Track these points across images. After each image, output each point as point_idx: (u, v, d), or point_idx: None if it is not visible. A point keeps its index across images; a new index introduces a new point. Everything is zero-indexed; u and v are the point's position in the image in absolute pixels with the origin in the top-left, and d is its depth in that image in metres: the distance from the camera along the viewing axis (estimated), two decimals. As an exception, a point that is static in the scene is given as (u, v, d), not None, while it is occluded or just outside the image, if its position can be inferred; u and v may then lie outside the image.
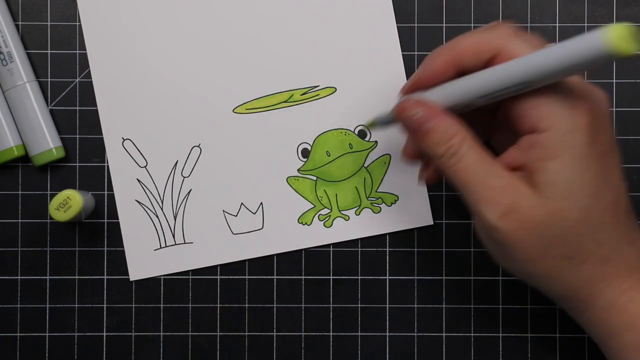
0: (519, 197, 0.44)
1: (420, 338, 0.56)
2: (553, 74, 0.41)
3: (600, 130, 0.44)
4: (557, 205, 0.44)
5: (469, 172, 0.45)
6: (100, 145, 0.56)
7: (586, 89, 0.44)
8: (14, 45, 0.55)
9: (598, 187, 0.44)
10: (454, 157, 0.45)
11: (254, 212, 0.56)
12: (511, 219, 0.44)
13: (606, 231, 0.45)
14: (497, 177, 0.45)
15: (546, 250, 0.45)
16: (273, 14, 0.56)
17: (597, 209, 0.44)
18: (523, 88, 0.43)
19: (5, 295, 0.56)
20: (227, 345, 0.56)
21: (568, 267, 0.45)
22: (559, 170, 0.43)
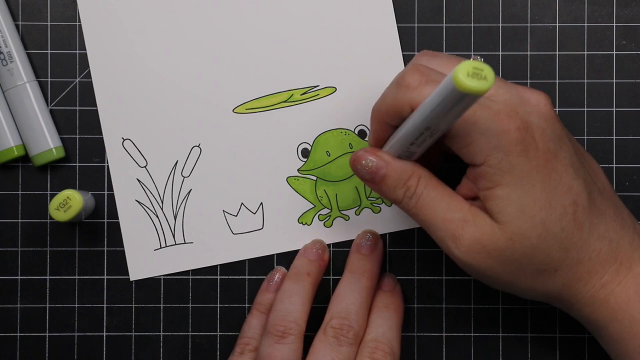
0: (480, 227, 0.45)
1: (420, 338, 0.56)
2: (439, 121, 0.43)
3: (536, 141, 0.45)
4: (514, 228, 0.45)
5: (430, 209, 0.47)
6: (100, 145, 0.56)
7: (515, 102, 0.45)
8: (14, 45, 0.55)
9: (548, 197, 0.45)
10: (413, 197, 0.47)
11: (254, 212, 0.56)
12: (477, 251, 0.46)
13: (569, 236, 0.46)
14: (457, 211, 0.46)
15: (517, 271, 0.46)
16: (273, 14, 0.56)
17: (553, 219, 0.45)
18: (432, 134, 0.44)
19: (5, 295, 0.56)
20: (227, 345, 0.56)
21: (543, 279, 0.47)
22: (506, 195, 0.45)
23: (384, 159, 0.48)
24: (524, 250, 0.45)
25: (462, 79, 0.38)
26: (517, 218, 0.45)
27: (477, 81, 0.38)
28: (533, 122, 0.45)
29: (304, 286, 0.52)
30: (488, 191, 0.45)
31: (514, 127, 0.44)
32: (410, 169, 0.47)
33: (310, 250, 0.54)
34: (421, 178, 0.47)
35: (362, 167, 0.48)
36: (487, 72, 0.38)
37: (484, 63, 0.39)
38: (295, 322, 0.51)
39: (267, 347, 0.51)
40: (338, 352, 0.50)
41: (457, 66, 0.38)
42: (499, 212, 0.45)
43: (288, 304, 0.52)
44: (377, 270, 0.54)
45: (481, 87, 0.38)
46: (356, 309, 0.52)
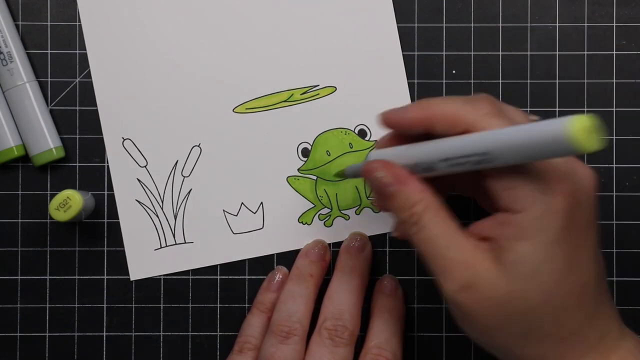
0: (480, 272, 0.43)
1: (420, 338, 0.56)
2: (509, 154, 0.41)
3: (578, 214, 0.43)
4: (519, 286, 0.43)
5: (430, 243, 0.44)
6: (100, 145, 0.56)
7: (570, 168, 0.43)
8: (14, 45, 0.55)
9: (565, 272, 0.43)
10: (415, 225, 0.45)
11: (254, 211, 0.56)
12: (470, 293, 0.44)
13: (569, 314, 0.44)
14: (459, 251, 0.44)
15: (504, 326, 0.44)
16: (273, 13, 0.56)
17: (560, 294, 0.44)
18: (482, 161, 0.42)
19: (5, 295, 0.56)
20: (227, 345, 0.56)
21: (525, 344, 0.45)
22: (528, 252, 0.43)
23: (398, 176, 0.46)
24: (518, 309, 0.43)
25: (579, 132, 0.36)
26: (527, 279, 0.43)
27: (591, 139, 0.37)
28: (580, 194, 0.43)
29: (307, 287, 0.52)
30: (511, 241, 0.43)
31: (565, 190, 0.42)
32: (420, 195, 0.45)
33: (312, 251, 0.54)
34: (428, 207, 0.45)
35: (373, 179, 0.46)
36: (600, 134, 0.37)
37: (599, 122, 0.37)
38: (299, 323, 0.51)
39: (270, 346, 0.51)
40: (334, 354, 0.50)
41: (575, 117, 0.37)
42: (512, 265, 0.43)
43: (292, 305, 0.52)
44: (367, 269, 0.54)
45: (593, 146, 0.37)
46: (349, 309, 0.51)
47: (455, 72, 0.56)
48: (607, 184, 0.56)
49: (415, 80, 0.56)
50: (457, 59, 0.56)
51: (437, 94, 0.56)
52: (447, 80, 0.56)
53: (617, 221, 0.56)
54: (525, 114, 0.46)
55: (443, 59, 0.56)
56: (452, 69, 0.56)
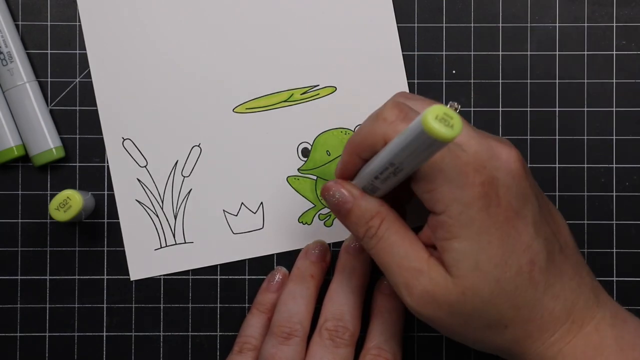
0: (433, 280, 0.45)
1: (420, 338, 0.56)
2: (406, 160, 0.42)
3: (499, 198, 0.44)
4: (467, 283, 0.45)
5: (387, 254, 0.46)
6: (100, 145, 0.56)
7: (490, 155, 0.44)
8: (14, 45, 0.55)
9: (504, 255, 0.44)
10: (374, 238, 0.47)
11: (254, 211, 0.56)
12: (427, 302, 0.45)
13: (523, 294, 0.45)
14: (414, 259, 0.46)
15: (467, 325, 0.46)
16: (273, 13, 0.56)
17: (507, 277, 0.45)
18: (397, 171, 0.44)
19: (5, 295, 0.56)
20: (227, 345, 0.56)
21: (492, 334, 0.46)
22: (462, 248, 0.44)
23: (352, 193, 0.47)
24: (474, 306, 0.45)
25: (430, 121, 0.38)
26: (471, 273, 0.44)
27: (443, 127, 0.38)
28: (499, 178, 0.44)
29: (308, 288, 0.52)
30: (445, 242, 0.45)
31: (479, 181, 0.44)
32: (375, 209, 0.47)
33: (312, 251, 0.54)
34: (384, 220, 0.47)
35: (330, 198, 0.48)
36: (455, 122, 0.38)
37: (454, 112, 0.38)
38: (300, 324, 0.51)
39: (271, 347, 0.51)
40: (335, 355, 0.50)
41: (428, 108, 0.38)
42: (453, 265, 0.45)
43: (293, 306, 0.52)
44: (367, 269, 0.54)
45: (447, 134, 0.38)
46: (350, 309, 0.51)
47: (455, 72, 0.56)
48: (607, 184, 0.56)
49: (415, 80, 0.56)
50: (457, 59, 0.56)
51: (437, 94, 0.56)
52: (447, 80, 0.56)
53: (617, 221, 0.56)
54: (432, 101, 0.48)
55: (443, 59, 0.56)
56: (452, 69, 0.56)
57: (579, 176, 0.56)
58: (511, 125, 0.56)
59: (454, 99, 0.56)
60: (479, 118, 0.56)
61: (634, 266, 0.56)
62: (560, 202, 0.56)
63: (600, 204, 0.56)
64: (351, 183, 0.48)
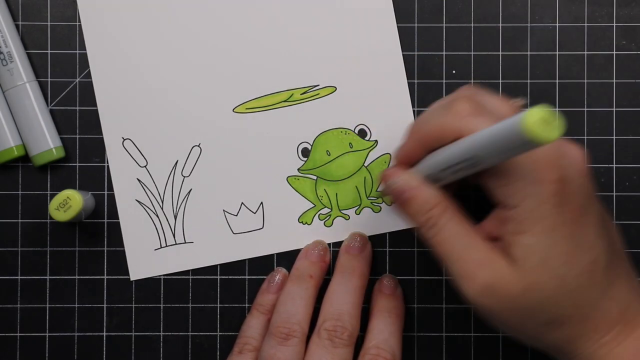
0: (496, 272, 0.45)
1: (420, 338, 0.56)
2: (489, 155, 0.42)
3: (570, 196, 0.44)
4: (533, 278, 0.45)
5: (448, 244, 0.46)
6: (100, 145, 0.56)
7: (559, 153, 0.45)
8: (14, 45, 0.55)
9: (572, 253, 0.45)
10: (433, 228, 0.47)
11: (254, 211, 0.56)
12: (489, 295, 0.45)
13: (584, 294, 0.45)
14: (476, 251, 0.46)
15: (526, 319, 0.46)
16: (273, 13, 0.56)
17: (572, 275, 0.45)
18: (474, 164, 0.44)
19: (5, 295, 0.56)
20: (227, 345, 0.56)
21: (548, 331, 0.46)
22: (531, 243, 0.44)
23: (412, 181, 0.48)
24: (537, 301, 0.45)
25: (532, 125, 0.38)
26: (538, 269, 0.44)
27: (547, 130, 0.38)
28: (571, 176, 0.45)
29: (307, 289, 0.52)
30: (515, 236, 0.45)
31: (554, 178, 0.44)
32: (437, 199, 0.47)
33: (312, 252, 0.54)
34: (446, 210, 0.47)
35: (389, 186, 0.48)
36: (555, 124, 0.38)
37: (553, 112, 0.38)
38: (299, 325, 0.51)
39: (270, 348, 0.51)
40: (334, 355, 0.50)
41: (529, 110, 0.38)
42: (521, 259, 0.45)
43: (291, 306, 0.52)
44: (367, 270, 0.54)
45: (548, 136, 0.38)
46: (349, 310, 0.51)
47: (455, 72, 0.56)
48: (607, 184, 0.56)
49: (415, 80, 0.56)
50: (457, 59, 0.56)
51: (437, 94, 0.56)
52: (447, 80, 0.56)
53: (617, 221, 0.56)
54: (506, 100, 0.48)
55: (443, 59, 0.56)
56: (452, 69, 0.56)
57: (579, 176, 0.56)
58: (511, 125, 0.56)
59: (454, 99, 0.56)
60: (479, 118, 0.56)
61: (634, 266, 0.56)
62: (560, 202, 0.56)
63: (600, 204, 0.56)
64: (412, 171, 0.48)
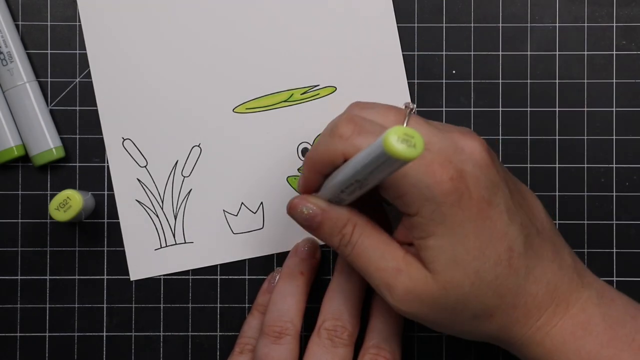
0: (413, 277, 0.46)
1: (420, 338, 0.56)
2: (370, 177, 0.43)
3: (469, 190, 0.44)
4: (447, 277, 0.45)
5: (365, 257, 0.47)
6: (100, 145, 0.56)
7: (455, 149, 0.45)
8: (14, 45, 0.55)
9: (482, 246, 0.45)
10: (348, 245, 0.47)
11: (255, 211, 0.56)
12: (410, 300, 0.46)
13: (504, 282, 0.46)
14: (391, 260, 0.46)
15: (453, 318, 0.47)
16: (273, 13, 0.56)
17: (487, 267, 0.45)
18: (362, 185, 0.44)
19: (5, 295, 0.56)
20: (227, 345, 0.56)
21: (479, 324, 0.47)
22: (438, 245, 0.45)
23: (320, 206, 0.48)
24: (457, 299, 0.45)
25: (392, 143, 0.38)
26: (450, 268, 0.45)
27: (406, 148, 0.38)
28: (467, 170, 0.44)
29: (297, 286, 0.52)
30: (421, 241, 0.45)
31: (447, 177, 0.44)
32: (346, 217, 0.47)
33: (302, 249, 0.54)
34: (356, 226, 0.47)
35: (299, 215, 0.48)
36: (417, 140, 0.38)
37: (414, 130, 0.38)
38: (291, 322, 0.51)
39: (264, 347, 0.51)
40: (334, 355, 0.50)
41: (388, 130, 0.38)
42: (431, 261, 0.45)
43: (282, 305, 0.52)
44: None
45: (409, 154, 0.38)
46: (348, 309, 0.52)
47: (455, 72, 0.56)
48: (607, 184, 0.56)
49: (415, 80, 0.56)
50: (457, 59, 0.56)
51: (437, 94, 0.56)
52: (447, 80, 0.56)
53: (617, 221, 0.56)
54: (391, 109, 0.47)
55: (443, 59, 0.56)
56: (452, 69, 0.56)
57: (579, 176, 0.56)
58: (511, 125, 0.56)
59: (454, 99, 0.56)
60: (479, 118, 0.56)
61: (634, 266, 0.56)
62: (560, 202, 0.56)
63: (600, 204, 0.56)
64: (316, 196, 0.48)
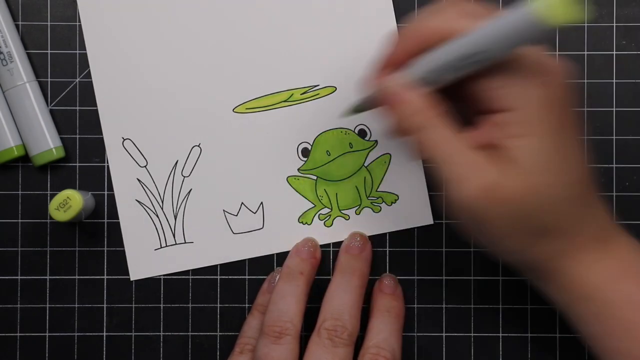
0: (496, 174, 0.44)
1: (420, 338, 0.56)
2: (497, 45, 0.41)
3: (563, 105, 0.44)
4: (535, 180, 0.44)
5: (441, 147, 0.45)
6: (100, 145, 0.56)
7: (541, 65, 0.44)
8: (14, 45, 0.55)
9: (567, 162, 0.45)
10: (423, 130, 0.45)
11: (254, 211, 0.56)
12: (486, 198, 0.44)
13: (574, 204, 0.45)
14: (470, 153, 0.44)
15: (517, 227, 0.45)
16: (273, 13, 0.56)
17: (566, 185, 0.45)
18: (480, 60, 0.42)
19: (5, 295, 0.56)
20: (227, 345, 0.56)
21: (534, 242, 0.46)
22: (535, 147, 0.44)
23: (402, 84, 0.46)
24: (534, 205, 0.44)
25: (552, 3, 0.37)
26: (543, 171, 0.44)
27: (566, 9, 0.37)
28: (559, 86, 0.44)
29: (297, 286, 0.52)
30: (515, 139, 0.44)
31: (558, 83, 0.44)
32: (427, 102, 0.45)
33: (302, 248, 0.54)
34: (436, 114, 0.45)
35: (381, 90, 0.47)
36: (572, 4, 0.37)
37: None
38: (291, 322, 0.51)
39: (264, 347, 0.51)
40: (334, 354, 0.50)
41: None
42: (524, 161, 0.43)
43: (282, 305, 0.52)
44: (367, 269, 0.54)
45: (573, 17, 0.37)
46: (349, 309, 0.51)
47: (455, 72, 0.56)
48: (607, 184, 0.56)
49: (415, 80, 0.56)
50: (457, 59, 0.56)
51: (437, 94, 0.56)
52: (447, 80, 0.56)
53: (617, 221, 0.56)
54: (491, 8, 0.46)
55: (443, 59, 0.56)
56: (452, 69, 0.56)
57: (579, 176, 0.56)
58: (511, 125, 0.56)
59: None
60: (479, 118, 0.56)
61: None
62: (560, 202, 0.56)
63: (600, 204, 0.56)
64: (401, 75, 0.46)
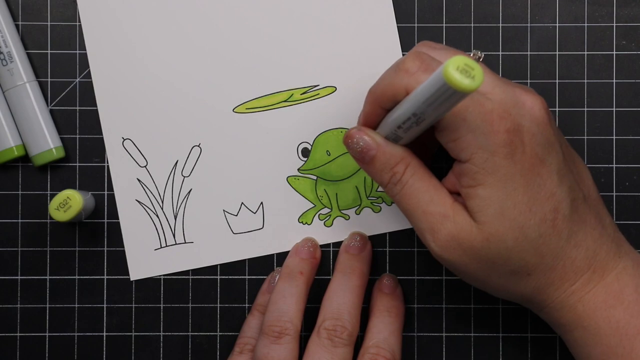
0: (458, 224, 0.46)
1: (420, 338, 0.56)
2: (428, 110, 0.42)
3: (524, 145, 0.45)
4: (492, 229, 0.45)
5: (413, 199, 0.47)
6: (100, 145, 0.56)
7: (515, 103, 0.45)
8: (14, 45, 0.55)
9: (529, 202, 0.45)
10: (398, 184, 0.47)
11: (254, 211, 0.56)
12: (452, 247, 0.46)
13: (546, 242, 0.46)
14: (439, 204, 0.46)
15: (491, 270, 0.47)
16: (273, 13, 0.56)
17: (532, 224, 0.45)
18: (419, 121, 0.44)
19: (5, 295, 0.56)
20: (227, 345, 0.56)
21: (516, 281, 0.47)
22: (487, 195, 0.45)
23: (375, 140, 0.48)
24: (499, 252, 0.46)
25: (451, 72, 0.38)
26: (496, 220, 0.45)
27: (465, 78, 0.38)
28: (524, 125, 0.45)
29: (297, 285, 0.52)
30: (470, 189, 0.45)
31: (504, 128, 0.44)
32: (400, 155, 0.47)
33: (302, 248, 0.54)
34: (409, 166, 0.47)
35: (354, 145, 0.48)
36: (476, 72, 0.38)
37: (475, 62, 0.38)
38: (290, 322, 0.51)
39: (263, 347, 0.51)
40: (333, 354, 0.50)
41: (449, 59, 0.38)
42: (478, 211, 0.45)
43: (282, 304, 0.52)
44: (367, 269, 0.54)
45: (467, 85, 0.38)
46: (348, 309, 0.52)
47: (455, 72, 0.56)
48: (607, 184, 0.56)
49: (415, 80, 0.56)
50: (457, 59, 0.56)
51: (437, 94, 0.56)
52: (447, 80, 0.56)
53: (617, 221, 0.56)
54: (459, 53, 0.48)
55: (443, 59, 0.56)
56: (452, 69, 0.56)
57: (579, 176, 0.56)
58: (511, 125, 0.56)
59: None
60: (479, 118, 0.56)
61: (634, 266, 0.56)
62: (560, 202, 0.56)
63: (600, 204, 0.56)
64: (374, 131, 0.48)
